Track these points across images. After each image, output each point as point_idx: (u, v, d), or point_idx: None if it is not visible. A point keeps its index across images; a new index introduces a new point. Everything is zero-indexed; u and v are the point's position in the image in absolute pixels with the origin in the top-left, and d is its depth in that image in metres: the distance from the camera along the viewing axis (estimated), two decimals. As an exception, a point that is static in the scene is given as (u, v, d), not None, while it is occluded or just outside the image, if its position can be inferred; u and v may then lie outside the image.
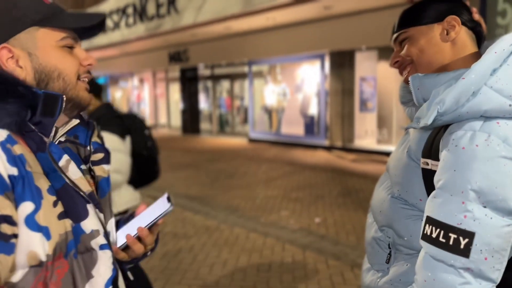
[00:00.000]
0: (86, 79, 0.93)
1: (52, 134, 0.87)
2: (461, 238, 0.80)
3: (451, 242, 0.80)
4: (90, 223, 0.88)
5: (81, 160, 0.99)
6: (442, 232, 0.82)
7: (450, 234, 0.81)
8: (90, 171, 1.00)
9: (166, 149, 11.79)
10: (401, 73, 1.06)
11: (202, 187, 6.79)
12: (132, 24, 12.89)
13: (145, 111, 19.18)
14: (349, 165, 8.50)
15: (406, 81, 1.04)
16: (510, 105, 0.82)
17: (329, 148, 10.67)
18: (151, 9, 11.95)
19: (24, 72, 0.85)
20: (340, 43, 9.90)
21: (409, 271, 1.01)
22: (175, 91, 17.06)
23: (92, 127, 1.03)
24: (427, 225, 0.85)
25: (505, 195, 0.79)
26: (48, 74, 0.87)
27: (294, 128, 11.86)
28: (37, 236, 0.78)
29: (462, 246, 0.79)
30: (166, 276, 3.46)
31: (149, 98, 18.91)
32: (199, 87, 15.96)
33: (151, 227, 1.01)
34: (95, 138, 1.05)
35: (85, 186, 0.90)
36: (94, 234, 0.88)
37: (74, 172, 0.89)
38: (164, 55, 15.67)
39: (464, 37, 0.98)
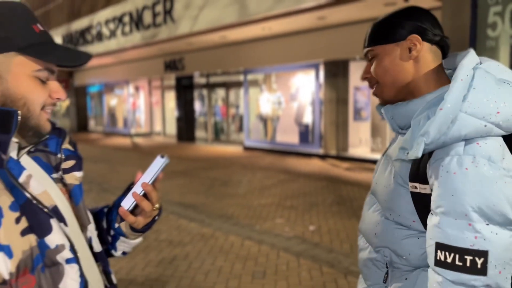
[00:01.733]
0: (50, 110, 0.92)
1: (15, 151, 0.87)
2: (476, 259, 0.83)
3: (468, 264, 0.84)
4: (55, 238, 0.86)
5: (52, 168, 0.98)
6: (457, 256, 0.85)
7: (466, 257, 0.84)
8: (62, 179, 0.99)
9: (161, 157, 11.80)
10: (370, 87, 1.13)
11: (197, 195, 6.82)
12: (128, 33, 12.97)
13: (141, 118, 19.19)
14: (343, 174, 8.57)
15: (374, 94, 1.11)
16: (485, 126, 0.89)
17: (323, 157, 10.74)
18: (147, 18, 12.05)
19: None
20: (334, 52, 10.03)
21: (408, 284, 1.04)
22: (171, 99, 17.11)
23: (63, 134, 1.03)
24: (439, 251, 0.88)
25: (503, 210, 0.84)
26: (13, 101, 0.85)
27: (288, 136, 11.94)
28: None
29: (479, 266, 0.83)
30: (161, 284, 3.49)
31: (144, 106, 18.94)
32: (195, 95, 16.03)
33: (154, 183, 1.02)
34: (66, 145, 1.03)
35: (48, 200, 0.90)
36: (59, 248, 0.87)
37: (36, 187, 0.88)
38: (159, 63, 15.74)
39: (426, 54, 1.02)
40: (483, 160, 0.86)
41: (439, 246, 0.88)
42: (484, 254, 0.83)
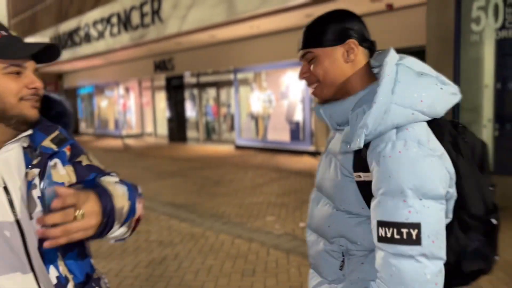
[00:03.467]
0: (33, 99, 1.03)
1: None
2: (411, 231, 0.93)
3: (405, 236, 0.93)
4: None
5: (32, 165, 1.04)
6: (395, 230, 0.94)
7: (402, 230, 0.94)
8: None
9: (153, 157, 11.79)
10: (309, 86, 1.19)
11: (189, 194, 6.82)
12: (117, 34, 12.91)
13: (131, 120, 19.12)
14: (334, 170, 8.59)
15: (314, 94, 1.18)
16: (412, 114, 1.00)
17: (314, 154, 10.78)
18: (135, 18, 12.00)
19: None
20: (323, 50, 10.05)
21: (365, 268, 1.11)
22: (161, 99, 17.07)
23: (51, 131, 1.10)
24: (380, 228, 0.97)
25: (433, 185, 0.95)
26: None
27: (280, 134, 11.96)
28: None
29: (414, 237, 0.93)
30: (151, 284, 3.49)
31: (135, 107, 18.87)
32: (185, 95, 16.00)
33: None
34: (47, 143, 1.07)
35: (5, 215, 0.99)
36: None
37: None
38: (149, 63, 15.69)
39: (360, 56, 1.12)
40: (413, 143, 0.97)
41: (380, 224, 0.97)
42: (417, 226, 0.93)
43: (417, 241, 0.93)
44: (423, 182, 0.94)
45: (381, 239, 0.97)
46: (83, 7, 15.62)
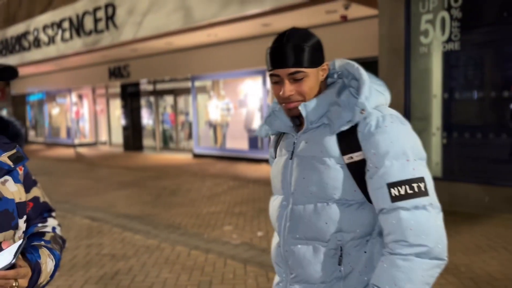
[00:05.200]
0: None
1: None
2: (420, 184, 1.08)
3: (416, 190, 1.07)
4: None
5: None
6: (407, 186, 1.07)
7: (413, 185, 1.07)
8: None
9: (107, 167, 11.40)
10: (289, 103, 1.24)
11: (144, 205, 6.63)
12: (69, 39, 12.44)
13: (85, 128, 18.45)
14: (292, 178, 8.65)
15: (293, 114, 1.26)
16: (384, 97, 1.23)
17: (273, 162, 10.81)
18: (88, 24, 11.62)
19: None
20: (280, 59, 10.15)
21: (369, 256, 1.18)
22: (116, 107, 16.60)
23: (8, 148, 1.14)
24: (392, 189, 1.08)
25: (421, 148, 1.15)
26: None
27: (238, 142, 11.93)
28: None
29: (423, 189, 1.08)
30: (103, 300, 3.33)
31: (88, 114, 18.23)
32: (142, 103, 15.65)
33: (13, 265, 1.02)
34: (4, 159, 1.13)
35: None
36: None
37: None
38: (104, 70, 15.23)
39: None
40: (397, 117, 1.16)
41: (391, 185, 1.09)
42: (423, 179, 1.09)
43: (426, 192, 1.07)
44: (415, 146, 1.13)
45: (396, 198, 1.07)
46: (33, 11, 14.94)
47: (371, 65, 1.32)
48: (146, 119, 15.82)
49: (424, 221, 1.05)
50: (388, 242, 1.09)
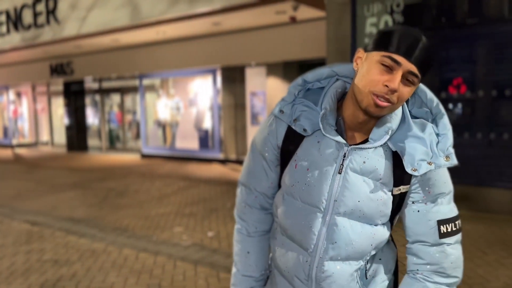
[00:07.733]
0: None
1: None
2: (459, 221, 1.19)
3: (458, 227, 1.18)
4: None
5: None
6: (452, 224, 1.17)
7: (456, 222, 1.18)
8: None
9: (49, 168, 10.84)
10: (382, 102, 1.06)
11: (89, 208, 6.36)
12: (6, 33, 11.69)
13: (24, 127, 17.43)
14: (243, 177, 8.66)
15: (374, 113, 1.09)
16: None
17: (223, 161, 10.79)
18: (27, 17, 10.99)
19: None
20: (230, 58, 10.15)
21: (383, 260, 1.27)
22: (59, 105, 15.82)
23: None
24: (442, 226, 1.16)
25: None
26: None
27: (188, 142, 11.78)
28: None
29: (460, 226, 1.19)
30: (44, 309, 3.15)
31: (28, 113, 17.24)
32: (86, 101, 15.03)
33: None
34: None
35: None
36: None
37: None
38: (45, 67, 14.48)
39: None
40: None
41: (441, 222, 1.16)
42: (459, 217, 1.19)
43: (461, 228, 1.19)
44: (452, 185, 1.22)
45: (444, 234, 1.16)
46: (-36, 2, 13.90)
47: (319, 66, 1.19)
48: (92, 118, 15.20)
49: (460, 255, 1.19)
50: (424, 270, 1.18)
